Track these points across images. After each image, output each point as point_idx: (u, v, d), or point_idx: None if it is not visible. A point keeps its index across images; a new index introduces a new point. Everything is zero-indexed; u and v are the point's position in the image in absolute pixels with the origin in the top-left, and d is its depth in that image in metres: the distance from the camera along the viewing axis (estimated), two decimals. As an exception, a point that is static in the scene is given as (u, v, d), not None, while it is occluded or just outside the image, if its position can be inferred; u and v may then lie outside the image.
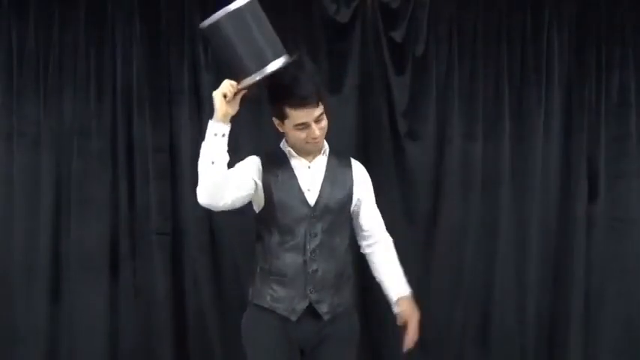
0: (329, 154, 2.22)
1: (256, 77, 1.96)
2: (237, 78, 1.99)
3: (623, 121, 3.07)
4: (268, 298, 2.15)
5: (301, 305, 2.14)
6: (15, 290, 2.95)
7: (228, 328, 2.96)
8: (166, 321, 2.98)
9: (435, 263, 3.09)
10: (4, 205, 2.93)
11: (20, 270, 2.95)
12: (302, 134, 2.07)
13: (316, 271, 2.14)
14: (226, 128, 2.01)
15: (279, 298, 2.14)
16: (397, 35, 2.99)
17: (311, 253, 2.13)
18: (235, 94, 1.99)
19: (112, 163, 2.95)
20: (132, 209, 2.97)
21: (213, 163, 2.00)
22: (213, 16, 1.96)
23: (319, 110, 2.05)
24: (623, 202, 3.09)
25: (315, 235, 2.13)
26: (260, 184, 2.12)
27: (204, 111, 2.94)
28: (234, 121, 2.07)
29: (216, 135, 1.99)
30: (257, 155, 2.19)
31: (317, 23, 2.99)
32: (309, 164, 2.17)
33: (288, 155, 2.16)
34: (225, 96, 1.97)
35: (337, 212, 2.18)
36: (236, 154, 2.91)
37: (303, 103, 2.01)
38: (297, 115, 2.03)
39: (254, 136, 2.93)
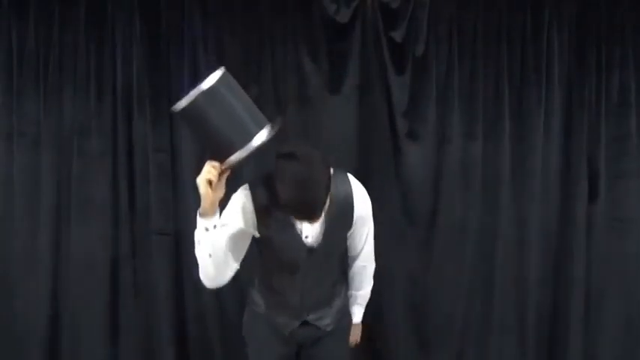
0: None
1: (243, 154, 1.78)
2: (220, 158, 1.81)
3: (623, 121, 3.07)
4: (264, 309, 2.18)
5: (296, 324, 2.16)
6: (15, 290, 2.95)
7: (228, 328, 2.96)
8: (166, 321, 2.98)
9: (435, 263, 3.09)
10: (4, 205, 2.94)
11: (20, 270, 2.95)
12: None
13: (313, 299, 2.15)
14: (216, 218, 1.86)
15: (275, 314, 2.16)
16: (397, 35, 2.99)
17: (309, 287, 2.12)
18: (220, 175, 1.82)
19: (112, 163, 2.95)
20: (132, 209, 2.97)
21: (210, 255, 1.89)
22: (186, 98, 1.77)
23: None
24: (623, 202, 3.09)
25: (313, 271, 2.09)
26: (256, 233, 2.00)
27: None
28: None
29: (208, 230, 1.85)
30: (249, 193, 1.99)
31: (317, 23, 2.98)
32: None
33: None
34: (210, 182, 1.80)
35: (336, 244, 2.13)
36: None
37: (305, 220, 1.89)
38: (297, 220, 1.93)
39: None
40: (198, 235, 1.88)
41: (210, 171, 1.79)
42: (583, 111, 3.06)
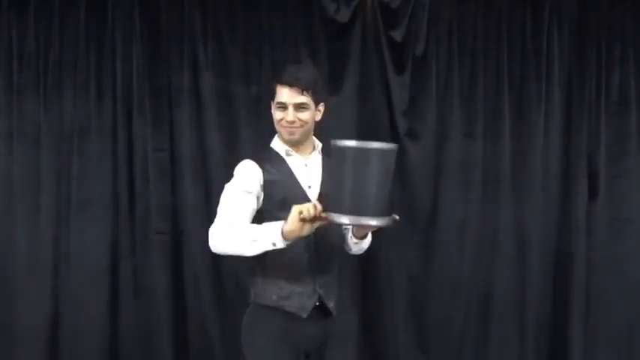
0: (322, 153, 2.21)
1: (345, 221, 1.83)
2: (329, 207, 1.85)
3: (623, 121, 3.08)
4: (274, 296, 2.11)
5: (311, 301, 2.11)
6: (15, 290, 2.95)
7: (228, 328, 2.95)
8: (166, 321, 2.98)
9: (435, 263, 3.09)
10: (4, 205, 2.93)
11: (20, 270, 2.94)
12: (279, 114, 2.09)
13: (322, 266, 2.13)
14: (286, 243, 1.92)
15: (287, 295, 2.10)
16: (397, 35, 2.99)
17: (315, 249, 2.11)
18: (314, 219, 1.86)
19: (112, 163, 2.95)
20: (132, 209, 2.96)
21: (250, 247, 1.95)
22: (353, 142, 1.83)
23: (303, 99, 2.06)
24: (623, 201, 3.09)
25: (318, 231, 2.08)
26: (262, 192, 2.09)
27: (204, 111, 2.95)
28: (235, 118, 2.07)
29: (275, 245, 1.92)
30: (253, 160, 2.11)
31: (317, 23, 2.99)
32: (305, 162, 2.16)
33: (284, 154, 2.14)
34: (301, 214, 1.85)
35: None
36: (236, 150, 2.93)
37: (288, 82, 2.04)
38: (279, 92, 2.07)
39: (255, 134, 2.93)
40: (260, 237, 1.93)
41: (309, 207, 1.85)
42: (583, 110, 3.07)
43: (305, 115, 2.09)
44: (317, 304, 2.12)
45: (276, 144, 2.17)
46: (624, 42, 3.07)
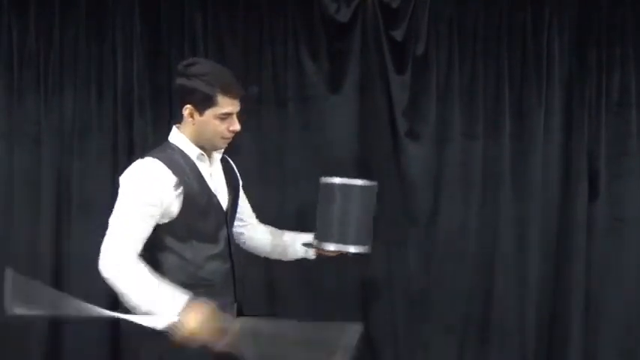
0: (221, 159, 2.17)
1: (331, 248, 2.14)
2: (316, 235, 2.17)
3: (623, 121, 3.07)
4: None
5: (233, 311, 2.09)
6: (15, 290, 2.95)
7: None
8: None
9: (435, 263, 3.09)
10: (4, 205, 2.93)
11: (20, 270, 2.91)
12: (222, 125, 1.95)
13: (239, 274, 2.11)
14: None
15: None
16: (397, 34, 2.99)
17: (234, 258, 2.09)
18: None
19: (112, 163, 2.95)
20: (132, 209, 2.96)
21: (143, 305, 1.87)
22: (344, 180, 2.14)
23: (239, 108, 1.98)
24: (624, 201, 3.08)
25: (232, 239, 2.10)
26: (180, 205, 1.93)
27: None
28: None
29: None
30: (160, 162, 1.93)
31: (317, 23, 2.99)
32: (209, 165, 2.06)
33: (195, 158, 1.99)
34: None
35: (236, 209, 2.18)
36: (235, 153, 2.92)
37: (237, 92, 1.95)
38: (226, 103, 1.93)
39: (255, 134, 2.93)
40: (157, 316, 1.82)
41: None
42: (583, 110, 3.06)
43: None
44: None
45: (182, 142, 2.01)
46: (624, 42, 3.06)
